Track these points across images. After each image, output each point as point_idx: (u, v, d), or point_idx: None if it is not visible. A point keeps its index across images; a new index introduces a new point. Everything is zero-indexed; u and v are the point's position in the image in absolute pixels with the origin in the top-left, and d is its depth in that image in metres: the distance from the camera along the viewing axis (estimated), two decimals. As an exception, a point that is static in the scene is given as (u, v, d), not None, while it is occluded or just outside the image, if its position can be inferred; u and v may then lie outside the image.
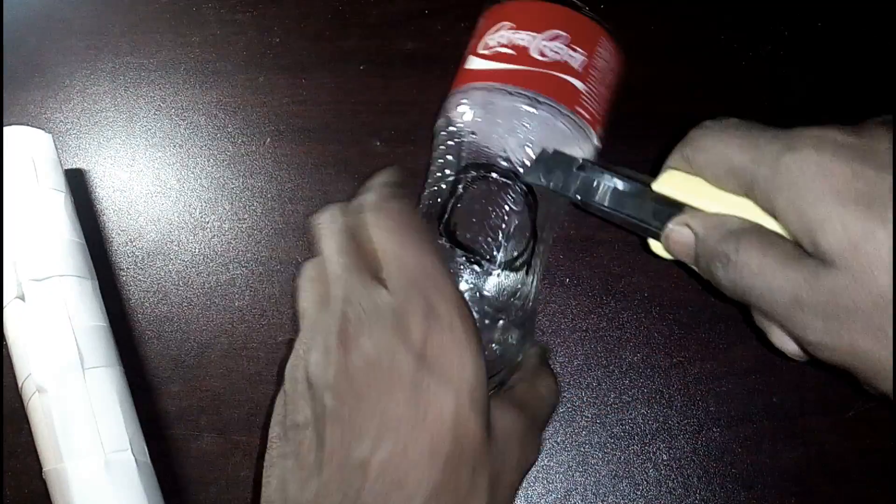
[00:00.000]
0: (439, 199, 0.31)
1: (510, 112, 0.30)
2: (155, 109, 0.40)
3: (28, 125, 0.34)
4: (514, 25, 0.31)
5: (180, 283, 0.37)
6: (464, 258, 0.29)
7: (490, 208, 0.30)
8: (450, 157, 0.32)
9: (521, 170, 0.30)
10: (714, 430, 0.35)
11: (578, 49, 0.30)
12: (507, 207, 0.30)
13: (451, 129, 0.32)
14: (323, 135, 0.39)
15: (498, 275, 0.30)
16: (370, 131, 0.39)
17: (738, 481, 0.34)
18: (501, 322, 0.30)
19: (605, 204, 0.28)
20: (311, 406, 0.23)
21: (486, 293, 0.30)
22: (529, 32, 0.30)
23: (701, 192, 0.26)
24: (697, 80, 0.39)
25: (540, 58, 0.30)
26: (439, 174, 0.32)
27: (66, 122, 0.40)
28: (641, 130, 0.37)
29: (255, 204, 0.38)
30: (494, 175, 0.30)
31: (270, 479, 0.24)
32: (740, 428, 0.35)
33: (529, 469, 0.26)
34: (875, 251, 0.20)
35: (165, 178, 0.39)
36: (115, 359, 0.32)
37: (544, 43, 0.30)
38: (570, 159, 0.29)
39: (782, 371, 0.36)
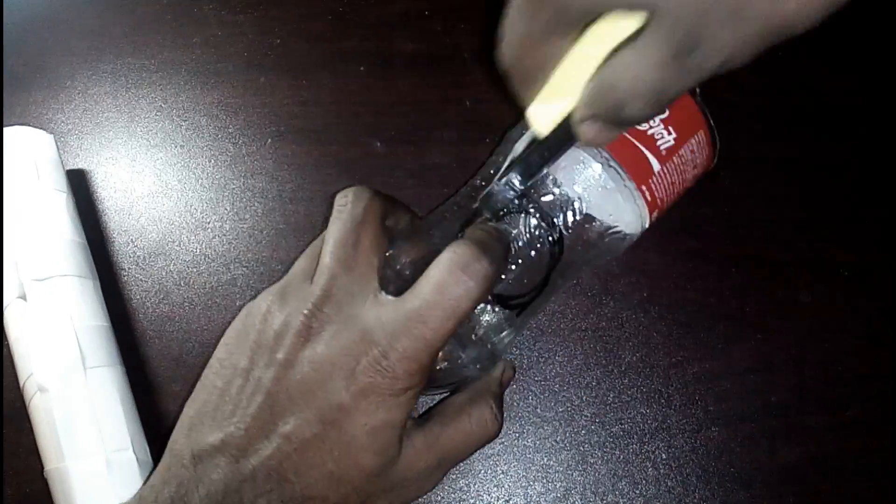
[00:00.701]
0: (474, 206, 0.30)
1: (576, 161, 0.28)
2: (156, 110, 0.40)
3: (30, 126, 0.34)
4: None
5: (181, 283, 0.37)
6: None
7: (507, 240, 0.29)
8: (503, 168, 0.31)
9: (560, 217, 0.29)
10: (713, 429, 0.35)
11: (672, 131, 0.29)
12: (524, 247, 0.29)
13: (519, 146, 0.30)
14: (324, 135, 0.39)
15: (488, 306, 0.29)
16: (371, 132, 0.39)
17: (736, 480, 0.34)
18: (465, 351, 0.29)
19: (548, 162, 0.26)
20: (258, 369, 0.26)
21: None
22: None
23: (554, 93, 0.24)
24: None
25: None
26: (492, 171, 0.31)
27: (68, 123, 0.40)
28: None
29: (256, 204, 0.38)
30: (529, 211, 0.29)
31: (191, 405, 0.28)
32: (739, 427, 0.35)
33: (420, 496, 0.28)
34: None
35: (167, 178, 0.39)
36: (116, 358, 0.32)
37: None
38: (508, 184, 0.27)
39: (781, 370, 0.36)
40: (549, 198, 0.29)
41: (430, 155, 0.39)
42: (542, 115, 0.25)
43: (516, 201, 0.29)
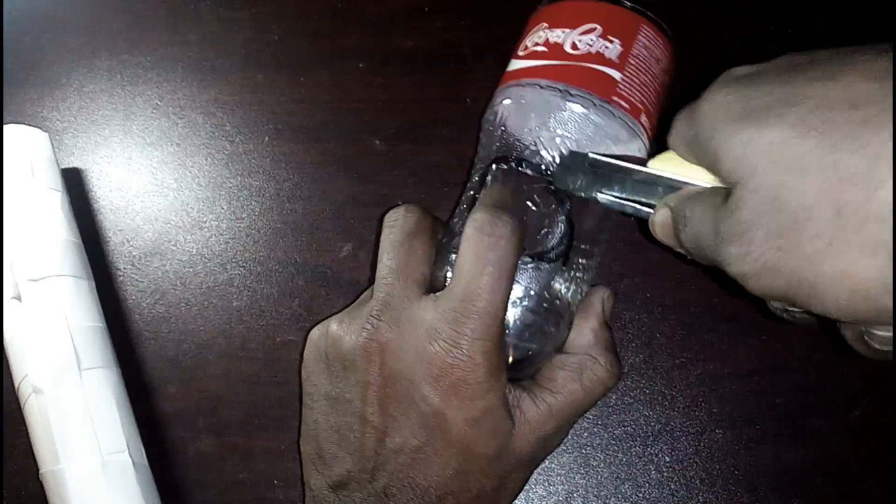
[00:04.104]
0: (472, 192, 0.31)
1: (542, 106, 0.30)
2: (152, 108, 0.40)
3: (24, 124, 0.34)
4: (549, 25, 0.31)
5: (178, 283, 0.37)
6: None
7: (516, 201, 0.30)
8: (488, 152, 0.32)
9: (551, 163, 0.30)
10: (717, 431, 0.35)
11: (613, 39, 0.30)
12: (533, 200, 0.30)
13: (488, 126, 0.32)
14: (322, 133, 0.39)
15: (533, 267, 0.29)
16: (370, 130, 0.39)
17: (740, 483, 0.34)
18: (540, 323, 0.29)
19: (620, 195, 0.27)
20: (333, 381, 0.28)
21: (518, 283, 0.29)
22: (563, 29, 0.30)
23: (684, 168, 0.25)
24: (701, 78, 0.39)
25: (572, 51, 0.30)
26: (480, 166, 0.32)
27: (63, 121, 0.39)
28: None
29: (253, 203, 0.38)
30: (520, 168, 0.30)
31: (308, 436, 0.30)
32: (743, 429, 0.35)
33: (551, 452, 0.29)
34: (756, 154, 0.19)
35: (163, 176, 0.39)
36: (111, 360, 0.32)
37: (577, 37, 0.30)
38: (583, 157, 0.28)
39: (785, 372, 0.35)
40: (533, 147, 0.30)
41: (429, 153, 0.38)
42: (664, 163, 0.26)
43: (509, 163, 0.30)
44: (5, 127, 0.34)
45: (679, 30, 0.31)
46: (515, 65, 0.31)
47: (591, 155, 0.28)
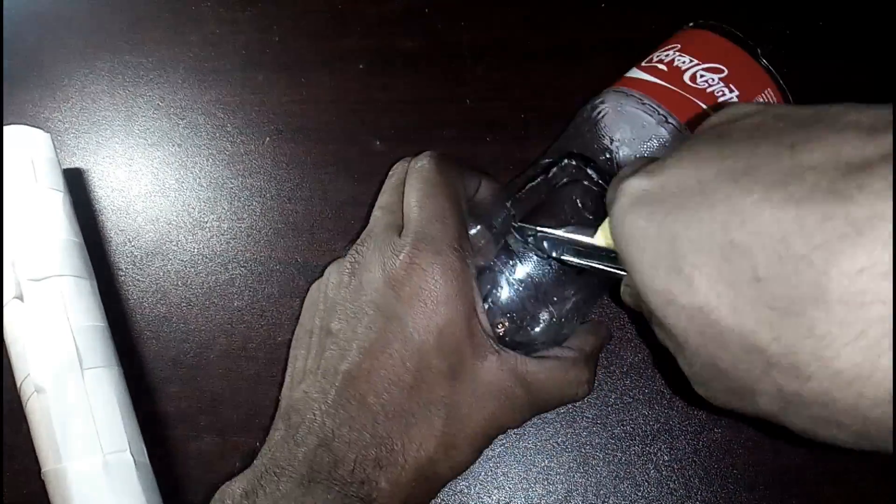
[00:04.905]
0: (533, 174, 0.31)
1: (635, 120, 0.29)
2: (153, 108, 0.40)
3: (26, 124, 0.34)
4: (681, 48, 0.30)
5: (179, 283, 0.37)
6: (526, 237, 0.29)
7: (565, 200, 0.30)
8: (566, 144, 0.32)
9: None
10: (715, 430, 0.35)
11: (734, 88, 0.29)
12: (580, 204, 0.30)
13: (580, 120, 0.32)
14: (322, 134, 0.39)
15: (546, 262, 0.30)
16: (370, 130, 0.39)
17: (739, 482, 0.34)
18: (543, 310, 0.30)
19: (576, 259, 0.27)
20: (321, 320, 0.29)
21: (532, 276, 0.29)
22: (692, 58, 0.29)
23: None
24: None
25: (689, 83, 0.29)
26: (555, 155, 0.32)
27: (65, 122, 0.40)
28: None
29: (254, 203, 0.38)
30: (588, 170, 0.29)
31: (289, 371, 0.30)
32: (742, 428, 0.35)
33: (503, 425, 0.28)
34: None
35: (164, 177, 0.39)
36: (113, 359, 0.32)
37: (701, 71, 0.29)
38: (532, 230, 0.28)
39: (784, 371, 0.35)
40: (608, 155, 0.30)
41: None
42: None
43: (579, 161, 0.30)
44: (7, 127, 0.34)
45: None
46: (634, 73, 0.31)
47: (538, 230, 0.28)
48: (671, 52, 0.30)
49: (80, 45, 0.41)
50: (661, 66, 0.30)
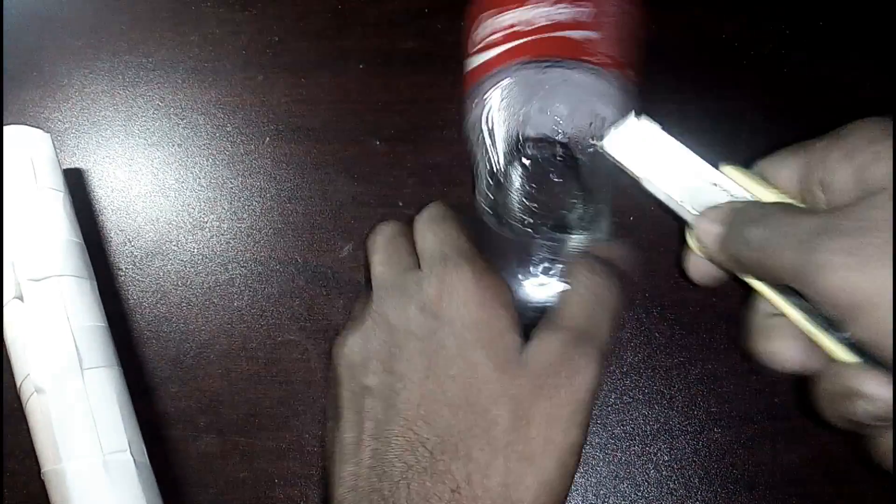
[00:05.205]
0: (488, 192, 0.31)
1: (525, 87, 0.30)
2: (154, 109, 0.40)
3: (26, 124, 0.34)
4: (495, 12, 0.31)
5: (179, 283, 0.37)
6: (546, 237, 0.30)
7: (537, 185, 0.30)
8: (487, 152, 0.32)
9: (562, 137, 0.30)
10: (715, 430, 0.35)
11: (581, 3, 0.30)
12: (555, 179, 0.30)
13: (476, 127, 0.32)
14: (322, 134, 0.39)
15: (570, 239, 0.30)
16: (370, 130, 0.39)
17: (739, 482, 0.34)
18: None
19: (670, 187, 0.26)
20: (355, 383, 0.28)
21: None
22: (509, 8, 0.30)
23: (751, 183, 0.26)
24: (698, 78, 0.39)
25: (528, 27, 0.30)
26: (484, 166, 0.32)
27: (65, 122, 0.40)
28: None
29: (254, 203, 0.38)
30: (538, 155, 0.30)
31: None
32: (742, 429, 0.35)
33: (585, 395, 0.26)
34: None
35: (164, 177, 0.39)
36: (113, 359, 0.32)
37: (538, 14, 0.30)
38: (649, 128, 0.28)
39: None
40: (527, 134, 0.30)
41: (430, 154, 0.38)
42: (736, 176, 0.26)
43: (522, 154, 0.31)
44: (7, 127, 0.34)
45: (676, 30, 0.31)
46: (476, 61, 0.31)
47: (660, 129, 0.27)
48: (488, 22, 0.31)
49: (80, 45, 0.41)
50: (497, 36, 0.30)
